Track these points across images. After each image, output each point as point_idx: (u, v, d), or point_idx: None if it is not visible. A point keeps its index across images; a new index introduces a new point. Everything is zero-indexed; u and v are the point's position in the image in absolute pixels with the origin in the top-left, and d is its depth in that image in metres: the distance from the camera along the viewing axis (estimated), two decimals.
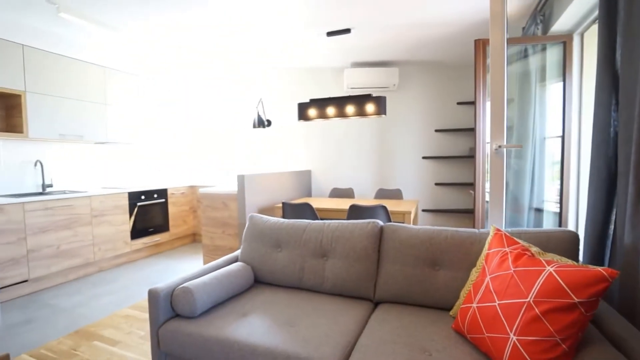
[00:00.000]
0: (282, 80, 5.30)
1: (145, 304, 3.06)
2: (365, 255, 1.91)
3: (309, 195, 5.25)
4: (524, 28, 3.39)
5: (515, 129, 3.30)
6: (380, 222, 2.00)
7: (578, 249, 1.61)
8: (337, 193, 4.70)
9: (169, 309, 1.72)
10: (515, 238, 1.43)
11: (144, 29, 3.33)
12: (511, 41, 3.17)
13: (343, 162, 5.15)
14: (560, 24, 2.68)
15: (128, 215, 4.34)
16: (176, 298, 1.70)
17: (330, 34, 3.66)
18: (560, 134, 2.90)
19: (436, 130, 4.69)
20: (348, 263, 1.94)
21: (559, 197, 2.98)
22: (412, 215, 3.42)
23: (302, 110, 4.14)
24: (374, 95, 4.82)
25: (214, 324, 1.61)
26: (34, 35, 3.52)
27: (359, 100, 3.90)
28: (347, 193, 4.65)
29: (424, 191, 4.83)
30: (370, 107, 3.87)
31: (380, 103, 3.84)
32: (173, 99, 5.92)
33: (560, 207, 2.93)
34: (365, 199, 4.39)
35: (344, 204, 3.82)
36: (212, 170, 5.91)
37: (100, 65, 4.38)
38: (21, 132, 3.59)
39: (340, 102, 3.97)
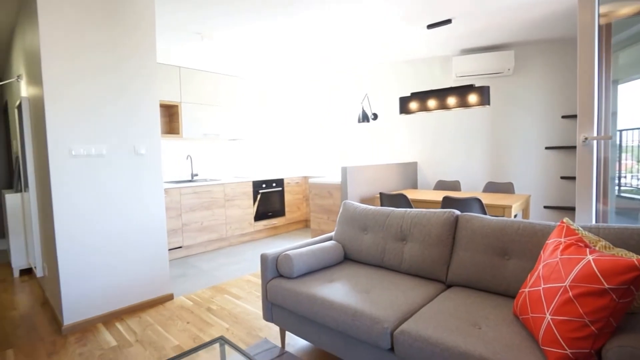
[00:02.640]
0: (387, 75, 5.42)
1: None
2: (439, 241, 2.07)
3: (415, 186, 5.29)
4: None
5: None
6: (457, 212, 2.12)
7: None
8: (442, 185, 4.62)
9: (274, 270, 2.21)
10: (582, 231, 1.43)
11: (251, 38, 3.98)
12: None
13: (450, 154, 4.98)
14: None
15: (252, 201, 5.19)
16: (280, 262, 2.17)
17: (430, 26, 3.69)
18: None
19: (563, 117, 4.12)
20: (424, 247, 2.12)
21: None
22: (515, 210, 3.27)
23: (404, 104, 4.26)
24: (480, 84, 4.61)
25: (306, 284, 2.03)
26: (185, 56, 4.54)
27: (461, 92, 3.84)
28: (453, 186, 4.53)
29: (547, 186, 4.31)
30: (472, 98, 3.78)
31: (484, 93, 3.73)
32: (289, 99, 6.68)
33: None
34: (468, 192, 4.29)
35: (440, 195, 3.84)
36: (324, 162, 6.47)
37: (226, 74, 5.32)
38: (178, 133, 4.69)
39: (441, 94, 3.97)
